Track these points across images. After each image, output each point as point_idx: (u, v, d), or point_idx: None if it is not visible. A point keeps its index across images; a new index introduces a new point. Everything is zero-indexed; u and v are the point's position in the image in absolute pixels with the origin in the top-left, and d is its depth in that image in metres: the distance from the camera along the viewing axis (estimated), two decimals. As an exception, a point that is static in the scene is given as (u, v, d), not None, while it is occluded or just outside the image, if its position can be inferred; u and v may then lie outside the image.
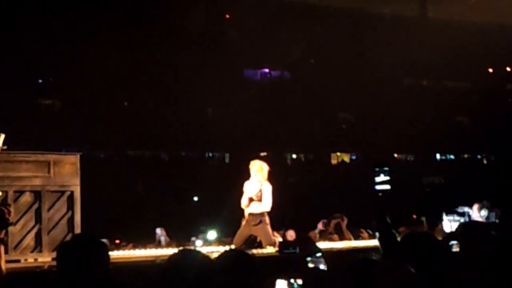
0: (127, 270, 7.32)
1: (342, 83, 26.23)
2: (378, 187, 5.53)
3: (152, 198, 21.29)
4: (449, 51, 26.71)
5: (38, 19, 21.07)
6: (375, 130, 26.23)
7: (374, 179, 5.47)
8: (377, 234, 5.50)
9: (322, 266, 5.02)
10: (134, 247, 13.32)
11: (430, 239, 4.67)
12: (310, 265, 4.99)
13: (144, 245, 13.41)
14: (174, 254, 3.28)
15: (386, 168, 5.59)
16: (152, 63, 23.33)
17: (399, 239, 5.03)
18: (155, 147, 24.50)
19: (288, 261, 5.07)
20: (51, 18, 21.31)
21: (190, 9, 24.37)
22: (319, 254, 5.08)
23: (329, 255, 5.92)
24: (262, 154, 22.84)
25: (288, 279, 3.80)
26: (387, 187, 5.50)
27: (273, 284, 3.80)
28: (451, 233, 9.24)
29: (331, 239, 12.60)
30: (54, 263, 8.55)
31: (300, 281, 3.82)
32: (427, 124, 26.98)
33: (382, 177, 5.55)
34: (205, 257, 3.33)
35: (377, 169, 5.59)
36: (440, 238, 6.21)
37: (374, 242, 11.68)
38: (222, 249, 9.12)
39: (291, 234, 13.31)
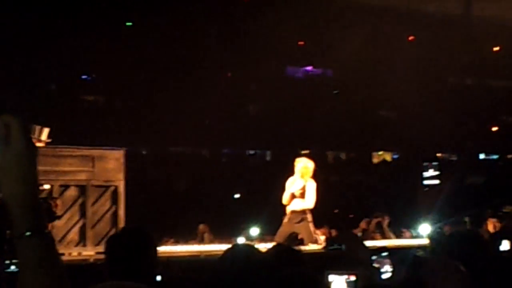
0: (172, 265, 7.34)
1: (384, 81, 26.04)
2: (426, 182, 5.46)
3: (193, 195, 21.37)
4: (493, 49, 26.39)
5: (82, 16, 21.26)
6: (418, 129, 25.99)
7: (422, 174, 5.40)
8: (426, 231, 5.44)
9: (388, 268, 4.93)
10: (176, 242, 13.37)
11: (477, 237, 4.65)
12: (375, 265, 4.92)
13: (186, 241, 13.45)
14: (229, 249, 3.28)
15: (435, 163, 5.52)
16: (194, 60, 23.40)
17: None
18: (197, 143, 24.58)
19: (334, 257, 5.02)
20: (94, 14, 21.48)
21: (231, 6, 24.39)
22: (384, 254, 4.99)
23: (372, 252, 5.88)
24: (304, 152, 22.76)
25: (341, 275, 3.77)
26: (436, 182, 5.43)
27: (325, 280, 3.77)
28: (499, 232, 9.14)
29: (373, 238, 12.52)
30: (99, 256, 8.67)
31: (353, 278, 3.78)
32: (471, 123, 26.68)
33: (431, 172, 5.49)
34: (260, 253, 3.32)
35: (426, 164, 5.52)
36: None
37: (417, 241, 11.63)
38: (264, 246, 9.11)
39: (333, 233, 13.27)
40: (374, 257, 4.99)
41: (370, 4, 26.61)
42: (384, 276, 4.97)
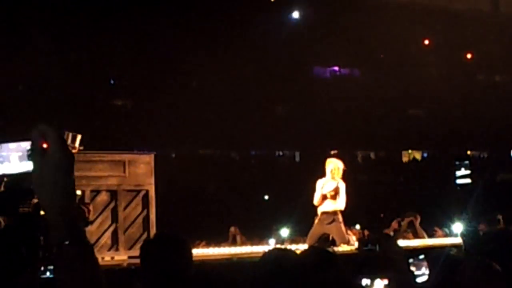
0: (206, 268, 7.35)
1: (412, 79, 25.91)
2: (459, 181, 5.40)
3: (223, 197, 21.40)
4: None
5: (110, 21, 21.39)
6: (447, 127, 25.83)
7: (455, 173, 5.35)
8: (458, 230, 5.38)
9: (425, 271, 4.87)
10: (207, 245, 13.40)
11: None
12: (412, 268, 4.86)
13: (217, 243, 13.47)
14: (266, 253, 3.27)
15: (466, 162, 5.47)
16: (222, 63, 23.43)
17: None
18: (226, 146, 24.62)
19: (368, 259, 4.99)
20: (123, 20, 21.60)
21: (260, 6, 24.40)
22: (422, 257, 4.92)
23: (406, 253, 5.83)
24: (333, 152, 22.71)
25: (373, 279, 3.74)
26: (468, 181, 5.38)
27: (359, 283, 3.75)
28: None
29: (405, 237, 12.42)
30: (132, 261, 8.70)
31: (386, 281, 3.76)
32: (502, 120, 26.42)
33: (462, 171, 5.43)
34: (296, 256, 3.31)
35: (457, 162, 5.46)
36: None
37: (450, 240, 11.54)
38: (295, 247, 9.09)
39: (366, 233, 13.21)
40: (411, 260, 4.94)
41: (395, 1, 26.51)
42: (419, 280, 4.90)
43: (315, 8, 24.57)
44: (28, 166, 2.05)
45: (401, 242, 10.80)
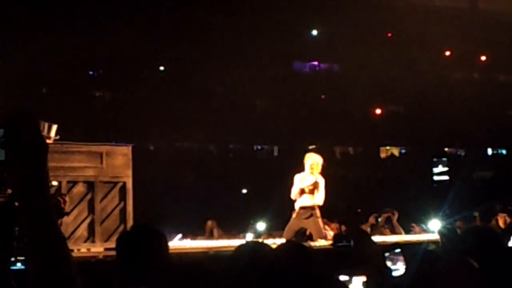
0: (182, 261, 7.31)
1: (391, 75, 25.99)
2: (436, 178, 5.39)
3: (200, 190, 21.36)
4: (500, 44, 26.29)
5: (87, 12, 21.26)
6: (426, 124, 25.94)
7: (432, 170, 5.34)
8: (435, 227, 5.38)
9: (401, 265, 4.84)
10: (183, 238, 13.33)
11: (493, 233, 4.59)
12: (388, 262, 4.84)
13: (194, 237, 13.41)
14: (240, 246, 3.25)
15: (444, 159, 5.46)
16: (200, 56, 23.37)
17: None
18: (204, 139, 24.58)
19: (343, 254, 4.97)
20: (100, 12, 21.48)
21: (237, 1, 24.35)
22: (397, 251, 4.90)
23: (382, 249, 5.81)
24: (311, 147, 22.72)
25: (351, 275, 3.72)
26: (446, 178, 5.37)
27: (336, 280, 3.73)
28: (508, 228, 9.08)
29: (382, 233, 12.46)
30: (108, 253, 8.64)
31: (364, 278, 3.73)
32: (479, 118, 26.59)
33: (440, 168, 5.42)
34: (272, 250, 3.29)
35: (435, 159, 5.46)
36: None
37: (427, 236, 11.57)
38: (272, 241, 9.07)
39: (343, 229, 13.22)
40: (387, 254, 4.92)
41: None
42: (396, 274, 4.89)
43: (295, 4, 24.53)
44: (1, 155, 2.01)
45: (378, 238, 10.83)
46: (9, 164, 1.98)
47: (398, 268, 4.90)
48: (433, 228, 11.84)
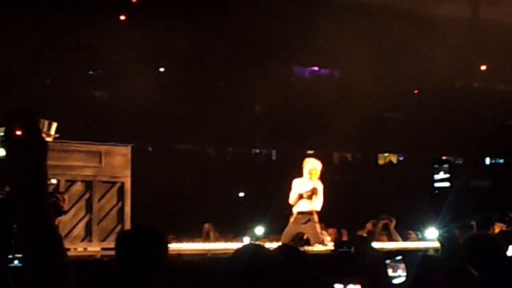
0: (180, 262, 7.31)
1: (391, 82, 25.99)
2: (437, 184, 5.38)
3: (198, 192, 21.34)
4: (501, 53, 26.29)
5: (89, 11, 21.25)
6: (424, 131, 25.94)
7: (433, 177, 5.32)
8: (432, 235, 5.36)
9: (401, 272, 4.82)
10: (178, 240, 13.31)
11: (493, 241, 4.58)
12: (389, 269, 4.81)
13: (191, 239, 13.41)
14: (239, 249, 3.25)
15: (446, 166, 5.45)
16: (200, 58, 23.38)
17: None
18: (203, 141, 24.56)
19: (343, 260, 4.96)
20: (102, 12, 21.47)
21: (237, 4, 24.33)
22: (399, 258, 4.87)
23: (383, 256, 5.80)
24: (309, 152, 22.73)
25: (345, 284, 3.71)
26: (447, 184, 5.36)
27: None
28: (505, 237, 9.05)
29: (380, 240, 12.46)
30: (106, 252, 8.63)
31: (359, 286, 3.72)
32: (477, 127, 26.60)
33: (441, 175, 5.41)
34: (270, 254, 3.29)
35: (436, 166, 5.45)
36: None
37: (424, 244, 11.57)
38: (269, 245, 9.07)
39: (343, 234, 13.23)
40: (387, 261, 4.90)
41: (376, 4, 26.57)
42: (396, 281, 4.87)
43: (295, 8, 24.52)
44: (1, 152, 2.01)
45: (376, 244, 10.82)
46: (9, 162, 1.98)
47: (399, 275, 4.88)
48: (430, 236, 11.84)
